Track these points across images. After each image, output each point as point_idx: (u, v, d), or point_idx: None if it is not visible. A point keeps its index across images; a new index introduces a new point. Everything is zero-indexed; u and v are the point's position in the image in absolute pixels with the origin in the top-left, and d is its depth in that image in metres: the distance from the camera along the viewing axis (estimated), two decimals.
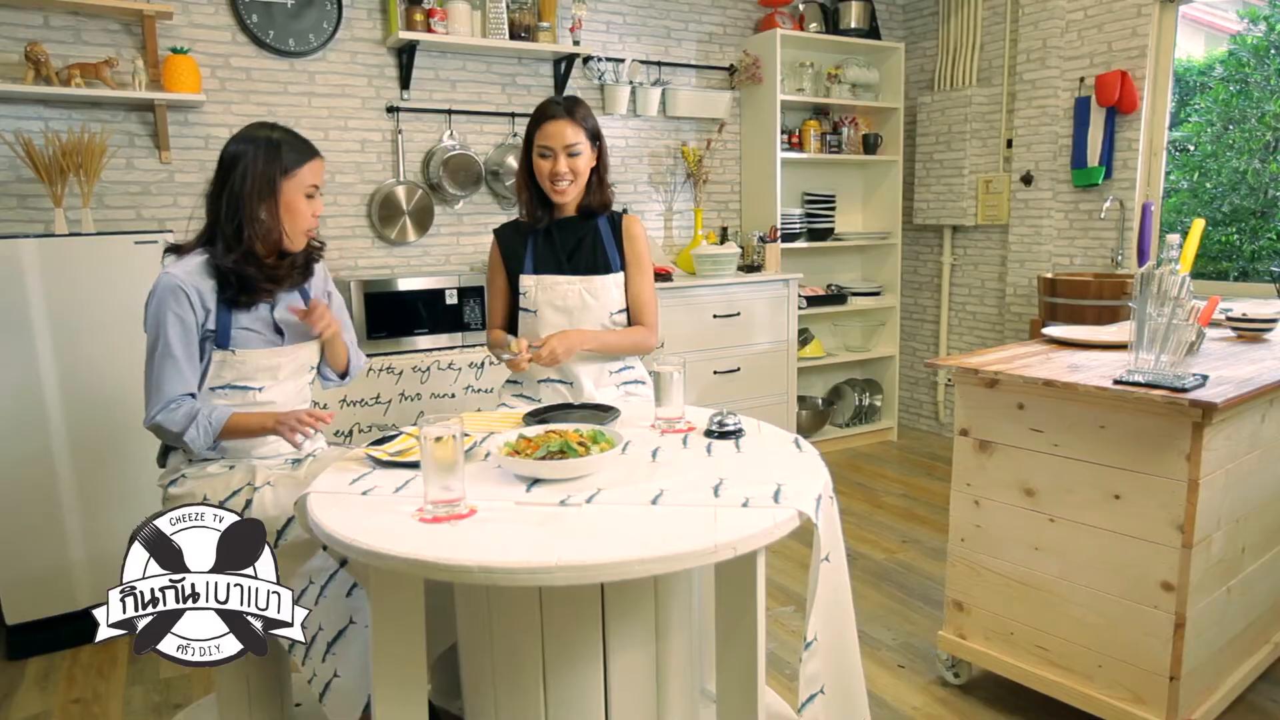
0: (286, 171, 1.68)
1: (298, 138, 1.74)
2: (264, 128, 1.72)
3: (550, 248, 2.15)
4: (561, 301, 2.13)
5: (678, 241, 4.21)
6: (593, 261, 2.14)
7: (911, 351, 4.88)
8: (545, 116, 2.06)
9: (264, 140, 1.68)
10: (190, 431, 1.64)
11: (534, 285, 2.14)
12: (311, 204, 1.74)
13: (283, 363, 1.76)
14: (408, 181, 3.48)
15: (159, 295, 1.64)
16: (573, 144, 2.04)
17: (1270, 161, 3.87)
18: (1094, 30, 3.76)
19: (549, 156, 2.06)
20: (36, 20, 2.81)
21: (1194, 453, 1.69)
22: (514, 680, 1.48)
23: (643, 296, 2.19)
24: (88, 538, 2.55)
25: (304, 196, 1.72)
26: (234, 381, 1.70)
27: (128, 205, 3.02)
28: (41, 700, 2.29)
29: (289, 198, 1.69)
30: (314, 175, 1.73)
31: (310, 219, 1.74)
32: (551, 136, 2.05)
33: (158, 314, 1.64)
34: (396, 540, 1.23)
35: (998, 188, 4.23)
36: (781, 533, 1.27)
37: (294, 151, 1.70)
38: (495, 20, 3.43)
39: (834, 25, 4.40)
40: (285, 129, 1.74)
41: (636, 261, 2.19)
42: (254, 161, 1.67)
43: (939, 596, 2.74)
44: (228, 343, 1.68)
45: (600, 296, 2.13)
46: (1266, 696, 2.16)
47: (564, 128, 2.04)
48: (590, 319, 2.13)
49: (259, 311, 1.75)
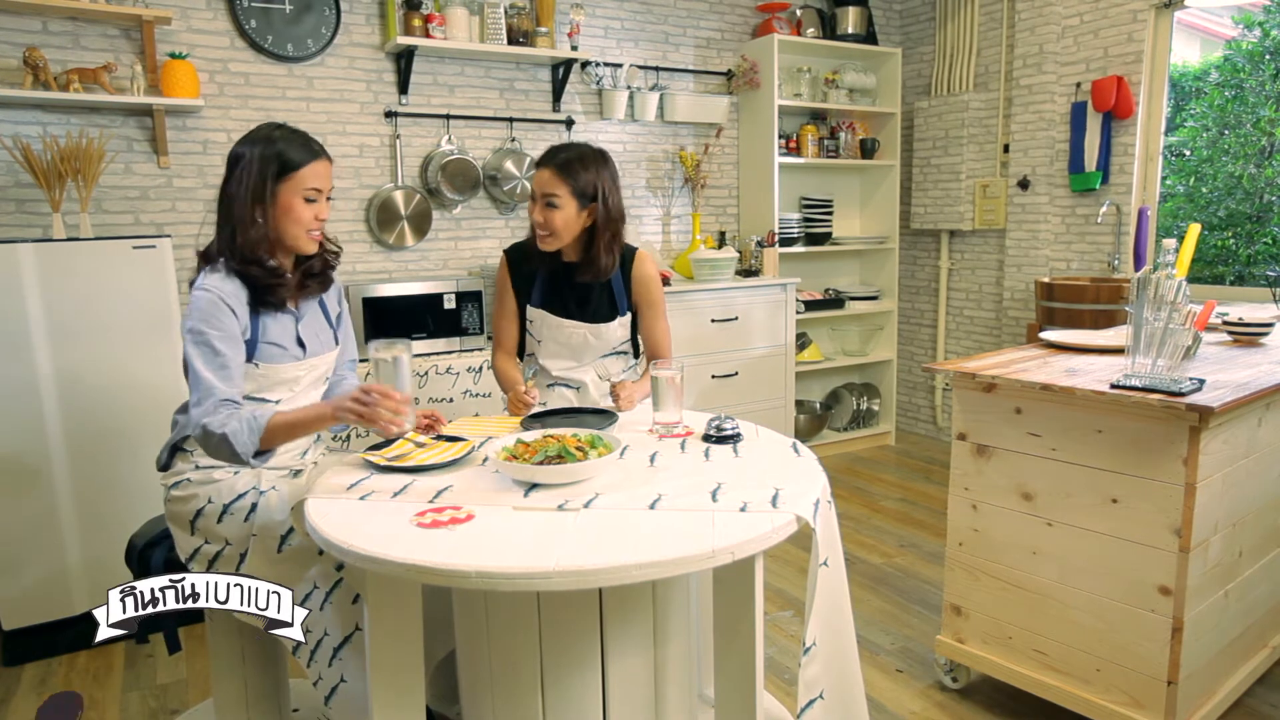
0: (283, 173, 1.65)
1: (302, 139, 1.69)
2: (269, 128, 1.69)
3: (557, 292, 2.12)
4: (565, 340, 2.13)
5: (675, 246, 4.22)
6: (600, 310, 2.12)
7: (909, 356, 4.89)
8: (539, 162, 2.02)
9: (264, 140, 1.66)
10: (232, 425, 1.52)
11: (540, 320, 2.13)
12: (313, 207, 1.68)
13: (302, 375, 1.75)
14: (406, 186, 3.48)
15: (201, 309, 1.58)
16: (549, 194, 1.96)
17: (1265, 166, 3.89)
18: (1090, 36, 3.77)
19: (534, 201, 2.01)
20: (35, 25, 2.82)
21: (1191, 457, 1.70)
22: (512, 686, 1.48)
23: (659, 337, 2.17)
24: (85, 543, 2.54)
25: (302, 199, 1.67)
26: (253, 393, 1.68)
27: (126, 210, 3.02)
28: (38, 705, 2.28)
29: (285, 200, 1.65)
30: (315, 178, 1.68)
31: (312, 222, 1.69)
32: (536, 180, 2.01)
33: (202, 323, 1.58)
34: (393, 545, 1.23)
35: (995, 192, 4.24)
36: (779, 537, 1.27)
37: (294, 152, 1.66)
38: (493, 25, 3.43)
39: (831, 30, 4.41)
40: (292, 130, 1.70)
41: (650, 304, 2.15)
42: (251, 163, 1.64)
43: (937, 601, 2.74)
44: (254, 355, 1.67)
45: (604, 337, 2.13)
46: (1264, 701, 2.16)
47: (544, 175, 1.98)
48: (592, 354, 2.15)
49: (285, 324, 1.72)
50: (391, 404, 1.52)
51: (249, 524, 1.66)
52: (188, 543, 1.70)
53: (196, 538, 1.69)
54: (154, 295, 2.57)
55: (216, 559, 1.68)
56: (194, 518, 1.68)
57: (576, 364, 2.17)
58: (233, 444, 1.52)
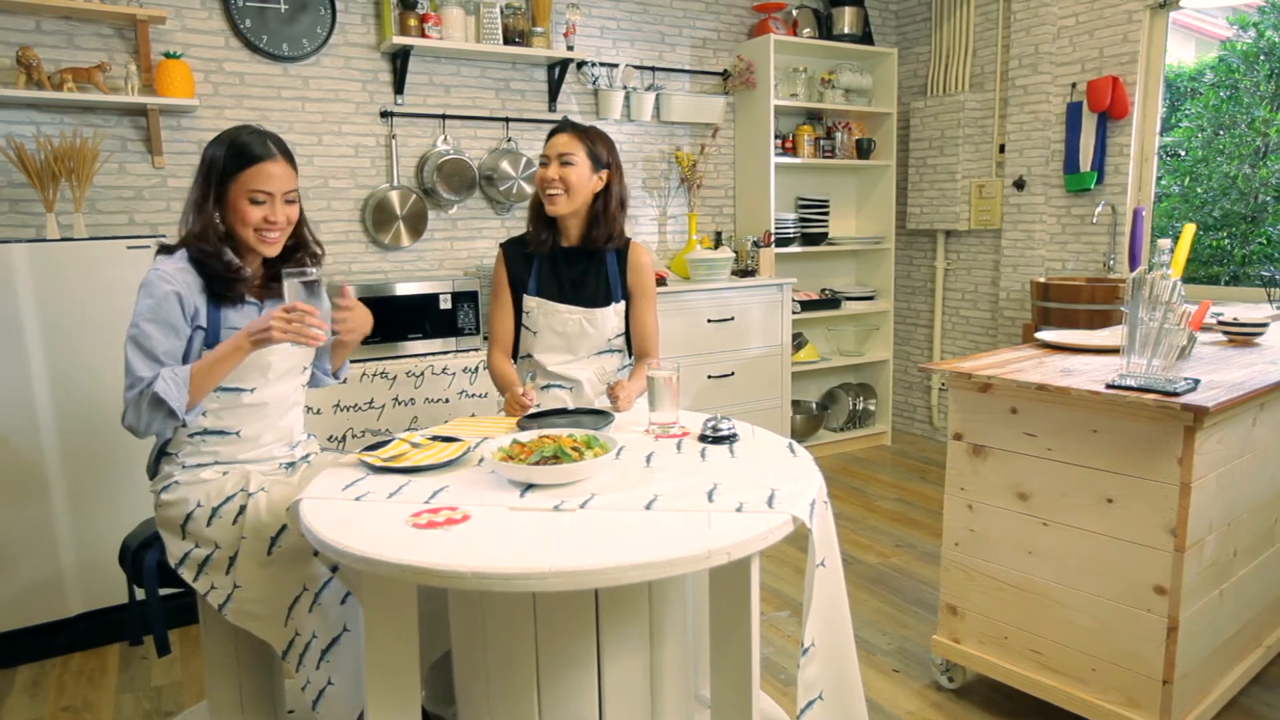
0: (230, 173, 1.66)
1: (260, 140, 1.68)
2: (236, 129, 1.71)
3: (555, 275, 2.16)
4: (561, 328, 2.15)
5: (672, 246, 4.22)
6: (595, 294, 2.15)
7: (905, 356, 4.90)
8: (552, 131, 2.11)
9: (225, 141, 1.68)
10: (159, 384, 1.53)
11: (536, 308, 2.16)
12: (260, 209, 1.67)
13: (273, 361, 1.73)
14: (401, 186, 3.47)
15: (142, 290, 1.63)
16: (566, 153, 2.06)
17: (1260, 167, 3.90)
18: (1085, 36, 3.78)
19: (545, 164, 2.08)
20: (28, 25, 2.81)
21: (1186, 456, 1.70)
22: (508, 687, 1.48)
23: (648, 327, 2.21)
24: (78, 545, 2.53)
25: (247, 200, 1.66)
26: (224, 383, 1.68)
27: (120, 210, 3.01)
28: (31, 708, 2.28)
29: (232, 199, 1.66)
30: (261, 179, 1.66)
31: (260, 223, 1.68)
32: (549, 145, 2.09)
33: (139, 309, 1.62)
34: (389, 546, 1.22)
35: (990, 192, 4.24)
36: (776, 538, 1.27)
37: (243, 153, 1.66)
38: (489, 25, 3.43)
39: (827, 31, 4.41)
40: (256, 131, 1.70)
41: (643, 292, 2.20)
42: (207, 161, 1.67)
43: (933, 601, 2.74)
44: (214, 344, 1.67)
45: (600, 325, 2.15)
46: (1259, 700, 2.16)
47: (562, 137, 2.08)
48: (588, 345, 2.17)
49: (248, 314, 1.72)
50: (314, 319, 1.56)
51: (238, 526, 1.65)
52: (178, 547, 1.69)
53: (187, 542, 1.68)
54: None
55: (206, 563, 1.67)
56: (184, 521, 1.68)
57: (572, 357, 2.17)
58: (164, 399, 1.53)
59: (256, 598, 1.65)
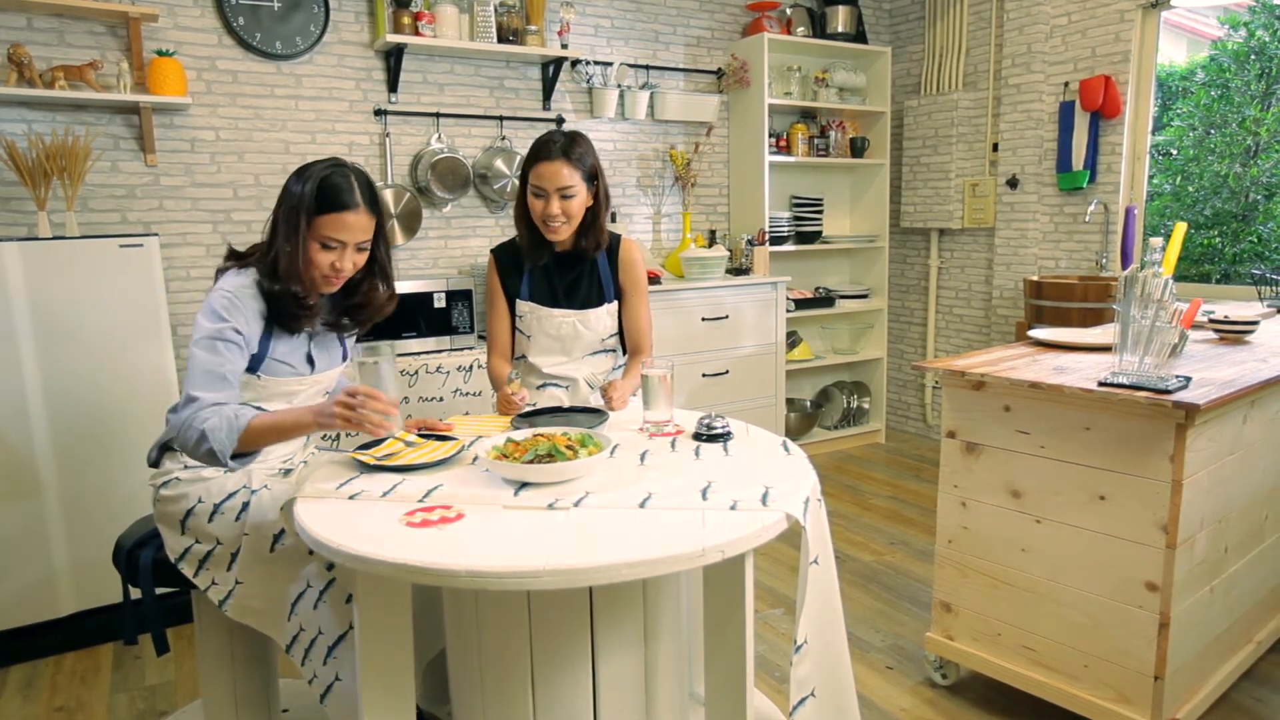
0: (310, 216, 1.63)
1: (346, 186, 1.65)
2: (325, 166, 1.67)
3: (547, 281, 2.14)
4: (555, 331, 2.14)
5: (666, 245, 4.22)
6: (588, 296, 2.14)
7: (899, 354, 4.91)
8: (540, 156, 1.99)
9: (312, 178, 1.64)
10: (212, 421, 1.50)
11: (529, 312, 2.15)
12: (330, 254, 1.66)
13: (302, 389, 1.75)
14: (395, 185, 3.47)
15: (217, 311, 1.59)
16: (566, 186, 1.98)
17: (1251, 166, 3.92)
18: (1078, 35, 3.80)
19: (542, 197, 2.00)
20: (19, 22, 2.79)
21: (1177, 454, 1.71)
22: (502, 685, 1.48)
23: (641, 323, 2.20)
24: (71, 545, 2.53)
25: (319, 245, 1.65)
26: (249, 401, 1.67)
27: (112, 208, 3.00)
28: (24, 708, 2.27)
29: (308, 241, 1.64)
30: (337, 228, 1.64)
31: (328, 269, 1.67)
32: (545, 177, 1.98)
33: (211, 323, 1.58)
34: (383, 544, 1.22)
35: (984, 191, 4.26)
36: (769, 535, 1.28)
37: (325, 200, 1.63)
38: (483, 23, 3.42)
39: (821, 29, 4.42)
40: (346, 174, 1.67)
41: (635, 287, 2.18)
42: (291, 197, 1.64)
43: (927, 598, 2.75)
44: (258, 369, 1.66)
45: (593, 326, 2.15)
46: (1250, 695, 2.18)
47: (559, 169, 1.97)
48: (581, 346, 2.16)
49: (298, 343, 1.72)
50: (379, 405, 1.50)
51: (240, 523, 1.65)
52: (178, 542, 1.69)
53: (187, 537, 1.68)
54: (141, 294, 2.56)
55: (207, 559, 1.67)
56: (184, 517, 1.67)
57: (566, 359, 2.17)
58: (210, 441, 1.49)
59: (259, 594, 1.65)
